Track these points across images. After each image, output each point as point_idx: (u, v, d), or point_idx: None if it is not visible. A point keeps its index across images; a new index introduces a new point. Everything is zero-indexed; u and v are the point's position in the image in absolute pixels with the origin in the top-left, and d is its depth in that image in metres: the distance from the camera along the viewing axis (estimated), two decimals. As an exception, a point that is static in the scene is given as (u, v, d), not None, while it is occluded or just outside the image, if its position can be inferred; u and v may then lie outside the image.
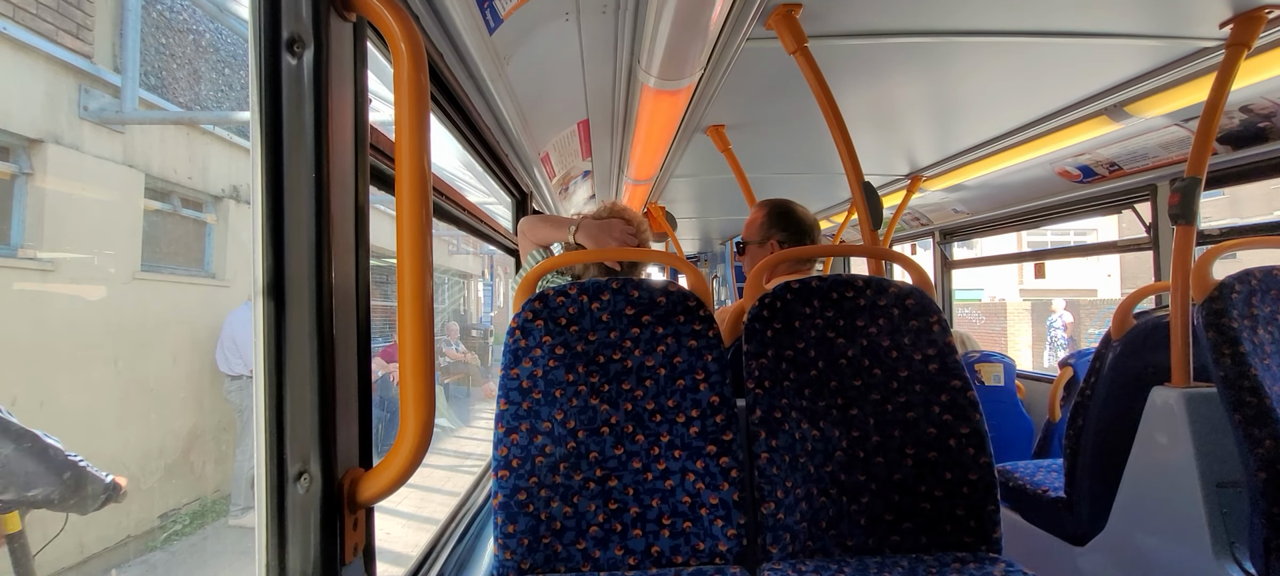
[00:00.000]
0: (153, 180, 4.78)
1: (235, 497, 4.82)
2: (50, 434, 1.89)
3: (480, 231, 2.16)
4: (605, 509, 1.24)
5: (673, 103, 1.78)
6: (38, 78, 3.84)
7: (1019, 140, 2.38)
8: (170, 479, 4.84)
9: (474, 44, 1.32)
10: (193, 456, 5.09)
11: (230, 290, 5.56)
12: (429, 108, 0.70)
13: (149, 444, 4.68)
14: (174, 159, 5.07)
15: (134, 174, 4.60)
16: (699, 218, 4.91)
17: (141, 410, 4.62)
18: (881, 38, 1.60)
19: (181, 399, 5.04)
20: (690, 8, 1.25)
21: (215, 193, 5.58)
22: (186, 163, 5.22)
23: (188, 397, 5.11)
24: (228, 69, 5.98)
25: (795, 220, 1.83)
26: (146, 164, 4.73)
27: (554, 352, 1.28)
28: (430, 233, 0.69)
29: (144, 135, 4.72)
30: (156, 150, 4.85)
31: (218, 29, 5.74)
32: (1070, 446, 1.96)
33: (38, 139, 3.82)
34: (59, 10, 3.97)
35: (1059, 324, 14.42)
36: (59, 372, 3.91)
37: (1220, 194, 15.58)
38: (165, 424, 4.83)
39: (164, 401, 4.85)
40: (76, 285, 4.10)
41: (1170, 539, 1.63)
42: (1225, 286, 1.55)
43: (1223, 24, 1.50)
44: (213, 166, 5.54)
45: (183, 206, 5.27)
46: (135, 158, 4.62)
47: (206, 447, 5.25)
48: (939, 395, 1.34)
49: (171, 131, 5.06)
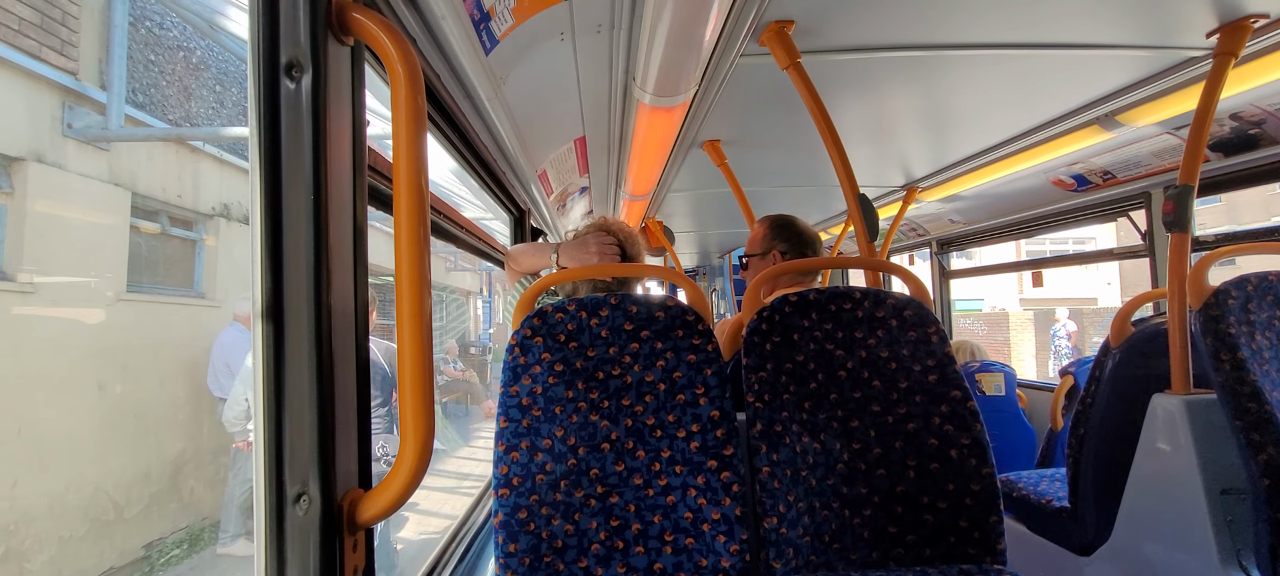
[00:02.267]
0: (140, 198, 4.66)
1: (225, 524, 4.64)
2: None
3: (479, 249, 2.17)
4: (607, 526, 1.23)
5: (668, 119, 1.80)
6: (19, 95, 3.76)
7: (1013, 150, 2.40)
8: (157, 506, 4.65)
9: (470, 65, 1.34)
10: (182, 482, 4.91)
11: (220, 310, 5.38)
12: (426, 129, 0.71)
13: (134, 470, 4.51)
14: (162, 177, 4.95)
15: (120, 192, 4.48)
16: (697, 232, 4.93)
17: (127, 435, 4.45)
18: (874, 52, 1.62)
19: (169, 423, 4.84)
20: (683, 25, 1.26)
21: (205, 211, 5.45)
22: (175, 181, 5.10)
23: (176, 421, 4.91)
24: (219, 86, 5.86)
25: (797, 232, 1.84)
26: (133, 182, 4.61)
27: (553, 369, 1.28)
28: (428, 252, 0.70)
29: (131, 153, 4.60)
30: (144, 168, 4.74)
31: (208, 46, 5.64)
32: (1072, 455, 1.95)
33: (19, 157, 3.74)
34: (43, 27, 3.91)
35: (1063, 333, 14.02)
36: (40, 397, 3.79)
37: (1218, 200, 15.64)
38: (152, 449, 4.65)
39: (151, 426, 4.66)
40: (59, 307, 3.97)
41: (1176, 547, 1.62)
42: (1222, 292, 1.56)
43: (1210, 34, 1.52)
44: (203, 184, 5.42)
45: (171, 225, 5.13)
46: (122, 176, 4.50)
47: (196, 473, 5.06)
48: (939, 405, 1.34)
49: (160, 149, 4.93)
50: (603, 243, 1.74)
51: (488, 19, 1.26)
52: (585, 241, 1.74)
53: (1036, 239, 14.71)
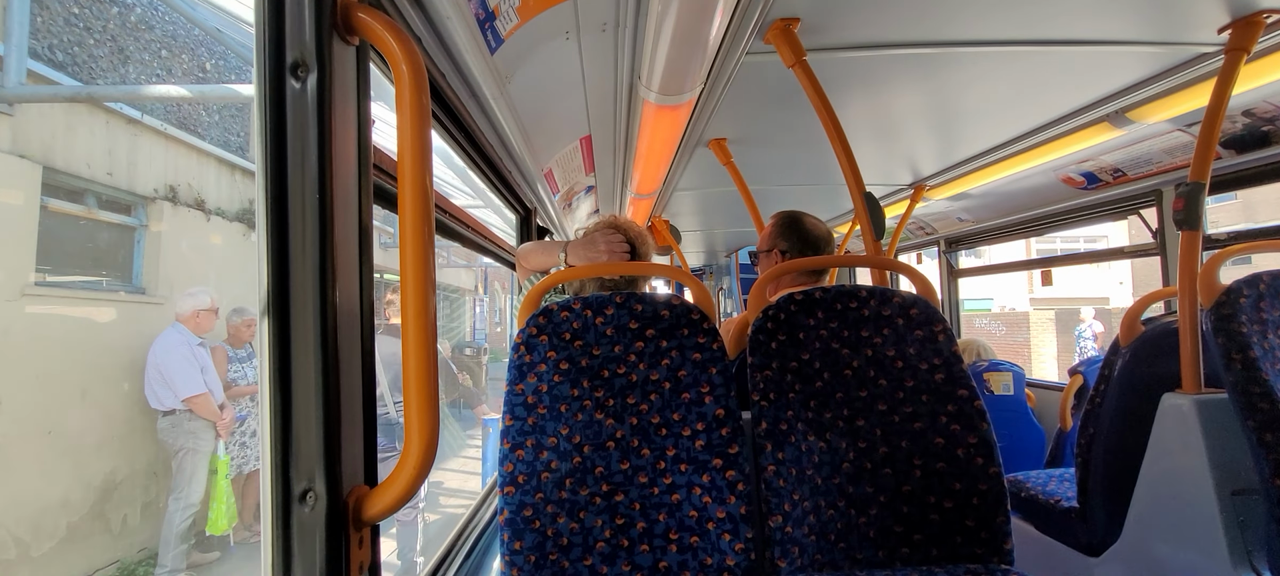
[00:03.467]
0: (55, 175, 3.91)
1: (162, 556, 3.94)
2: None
3: (484, 247, 2.18)
4: (612, 524, 1.23)
5: (674, 117, 1.80)
6: None
7: (1021, 148, 2.38)
8: (77, 540, 3.91)
9: (475, 64, 1.34)
10: (110, 509, 4.19)
11: (164, 309, 4.58)
12: (430, 128, 0.72)
13: (47, 497, 3.76)
14: (87, 150, 4.10)
15: (26, 166, 3.71)
16: (703, 231, 4.92)
17: (32, 456, 3.68)
18: (880, 49, 1.61)
19: (96, 439, 4.09)
20: (689, 23, 1.26)
21: (146, 193, 4.63)
22: (106, 156, 4.26)
23: (107, 437, 4.16)
24: (166, 51, 5.02)
25: (802, 231, 1.82)
26: (46, 155, 3.84)
27: (559, 368, 1.28)
28: (433, 251, 0.70)
29: (41, 119, 3.81)
30: (62, 140, 3.96)
31: (152, 3, 4.87)
32: (1082, 455, 1.94)
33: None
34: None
35: (1089, 334, 12.87)
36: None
37: (1233, 198, 15.36)
38: (70, 471, 3.91)
39: (70, 444, 3.90)
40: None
41: (1186, 548, 1.60)
42: (1233, 291, 1.54)
43: (1221, 29, 1.51)
44: (143, 162, 4.56)
45: (101, 208, 4.31)
46: (28, 146, 3.73)
47: (129, 498, 4.32)
48: (946, 405, 1.33)
49: (85, 117, 4.07)
50: (611, 241, 1.73)
51: (492, 18, 1.26)
52: (594, 239, 1.74)
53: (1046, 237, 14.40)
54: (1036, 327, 15.81)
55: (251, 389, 4.71)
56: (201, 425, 4.19)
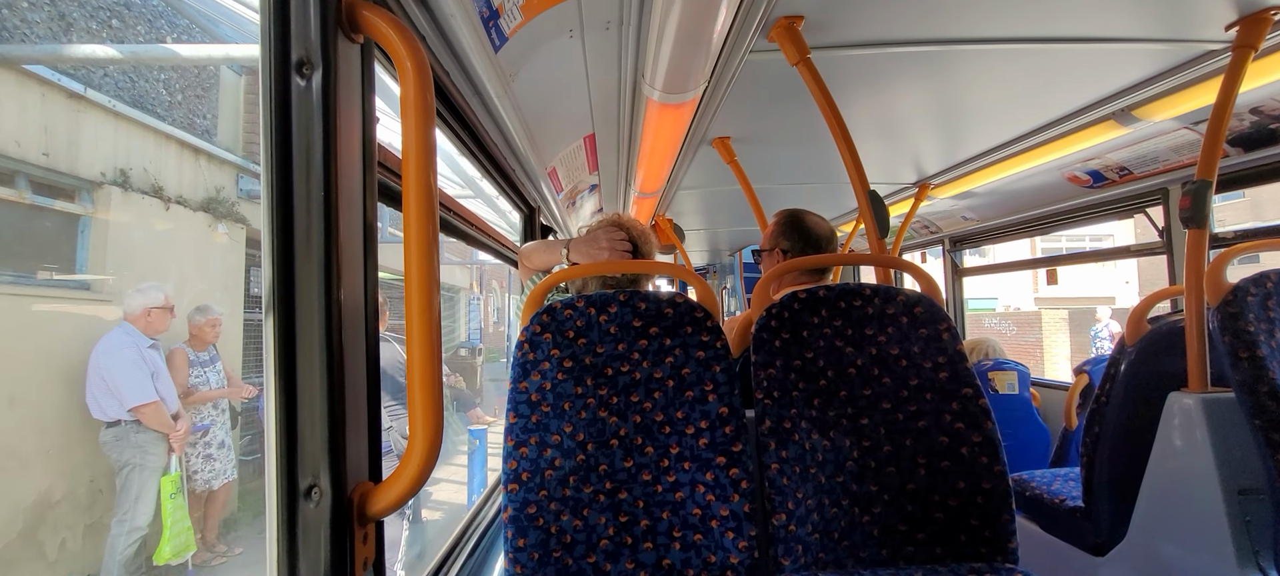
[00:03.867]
0: None
1: None
2: None
3: (488, 246, 2.18)
4: (615, 522, 1.23)
5: (677, 115, 1.80)
6: None
7: (1026, 146, 2.37)
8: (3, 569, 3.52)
9: (480, 62, 1.34)
10: (43, 535, 3.70)
11: (113, 306, 4.13)
12: (435, 126, 0.72)
13: None
14: (17, 127, 3.64)
15: None
16: (707, 229, 4.92)
17: None
18: (885, 47, 1.61)
19: (23, 456, 3.60)
20: (692, 21, 1.26)
21: (92, 177, 4.15)
22: (40, 134, 3.75)
23: (34, 453, 3.65)
24: (117, 21, 4.55)
25: (804, 229, 1.82)
26: None
27: (562, 365, 1.29)
28: (437, 249, 0.70)
29: None
30: None
31: None
32: (1087, 454, 1.93)
33: None
34: None
35: (1106, 334, 12.33)
36: None
37: (1240, 196, 15.21)
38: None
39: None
40: None
41: (1192, 548, 1.60)
42: (1240, 289, 1.53)
43: (1229, 26, 1.50)
44: (87, 142, 4.07)
45: (35, 193, 3.84)
46: None
47: (66, 520, 3.83)
48: (950, 403, 1.33)
49: (13, 90, 3.57)
50: (613, 238, 1.73)
51: (497, 16, 1.26)
52: (596, 236, 1.74)
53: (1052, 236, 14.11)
54: (1048, 327, 15.39)
55: (216, 394, 4.30)
56: (151, 437, 3.70)
